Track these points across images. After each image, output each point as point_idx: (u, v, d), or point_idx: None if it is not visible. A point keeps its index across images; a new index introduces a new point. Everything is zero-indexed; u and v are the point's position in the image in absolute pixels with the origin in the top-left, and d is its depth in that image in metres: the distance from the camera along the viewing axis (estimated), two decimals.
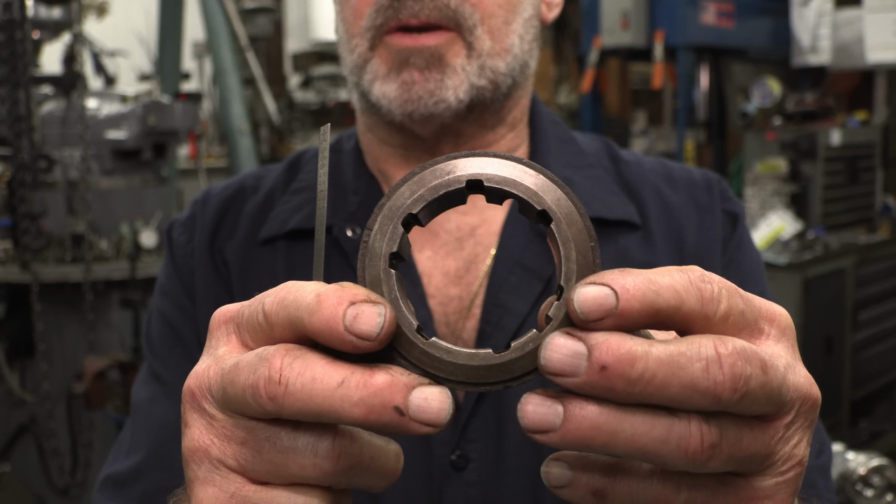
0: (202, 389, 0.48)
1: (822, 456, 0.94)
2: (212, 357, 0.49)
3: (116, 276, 3.53)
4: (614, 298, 0.42)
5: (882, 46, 4.74)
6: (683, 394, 0.42)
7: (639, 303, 0.42)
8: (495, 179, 0.47)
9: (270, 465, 0.46)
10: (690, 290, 0.43)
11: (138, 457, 0.94)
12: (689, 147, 4.83)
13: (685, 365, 0.41)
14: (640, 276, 0.42)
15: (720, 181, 1.06)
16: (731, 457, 0.44)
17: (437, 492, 0.88)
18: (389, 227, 0.48)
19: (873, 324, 4.55)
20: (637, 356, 0.41)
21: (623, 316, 0.42)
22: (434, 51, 0.89)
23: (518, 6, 0.93)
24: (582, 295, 0.42)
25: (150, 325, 1.03)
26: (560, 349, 0.42)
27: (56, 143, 3.67)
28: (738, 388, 0.42)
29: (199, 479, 0.47)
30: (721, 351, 0.42)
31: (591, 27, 4.97)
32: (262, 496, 0.46)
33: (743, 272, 1.00)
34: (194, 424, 0.48)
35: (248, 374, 0.45)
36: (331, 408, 0.43)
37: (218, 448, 0.47)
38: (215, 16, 4.31)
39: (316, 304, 0.44)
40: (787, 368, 0.45)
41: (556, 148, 1.03)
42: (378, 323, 0.43)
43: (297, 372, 0.44)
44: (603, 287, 0.42)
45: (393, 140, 0.99)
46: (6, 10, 3.40)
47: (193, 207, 1.07)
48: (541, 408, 0.43)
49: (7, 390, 3.60)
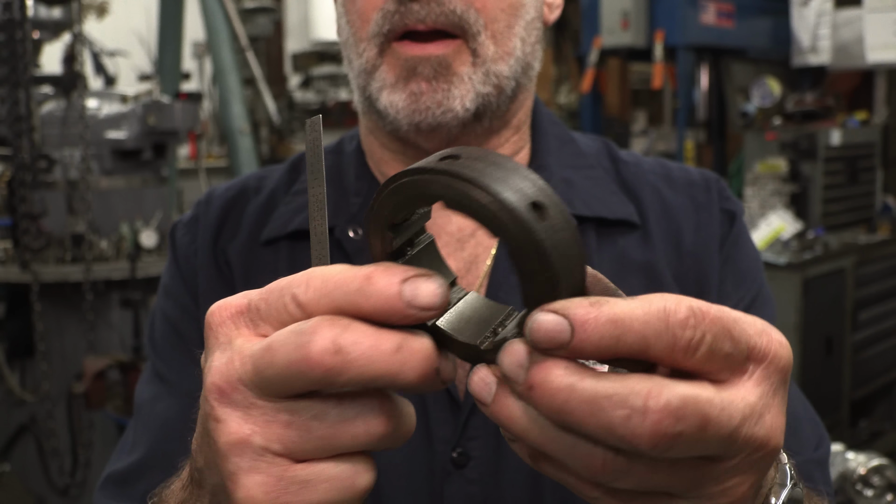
0: (231, 382, 0.47)
1: (819, 449, 0.94)
2: (228, 351, 0.48)
3: (116, 276, 3.53)
4: (569, 334, 0.41)
5: (882, 46, 4.74)
6: (599, 433, 0.42)
7: (593, 346, 0.41)
8: None
9: (320, 441, 0.47)
10: (663, 336, 0.42)
11: (139, 455, 0.94)
12: (689, 147, 4.83)
13: (606, 409, 0.41)
14: (606, 315, 0.41)
15: (718, 180, 1.06)
16: (642, 485, 0.44)
17: (437, 489, 0.88)
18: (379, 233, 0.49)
19: (873, 324, 4.55)
20: (561, 388, 0.42)
21: (574, 353, 0.42)
22: (441, 60, 0.89)
23: (520, 9, 0.93)
24: (537, 323, 0.42)
25: (153, 326, 1.03)
26: (511, 356, 0.44)
27: (56, 143, 3.67)
28: (657, 444, 0.41)
29: (244, 470, 0.47)
30: (650, 405, 0.41)
31: (591, 27, 4.97)
32: (310, 472, 0.47)
33: (739, 270, 1.00)
34: (228, 418, 0.47)
35: (291, 350, 0.45)
36: (388, 373, 0.44)
37: (261, 435, 0.47)
38: (215, 16, 4.31)
39: (368, 286, 0.45)
40: (746, 418, 0.44)
41: (556, 149, 1.04)
42: (439, 293, 0.45)
43: (352, 340, 0.44)
44: (561, 319, 0.42)
45: (393, 145, 0.99)
46: (6, 10, 3.40)
47: (197, 208, 1.07)
48: (482, 382, 0.46)
49: (7, 390, 3.60)
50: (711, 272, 0.97)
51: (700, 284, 0.97)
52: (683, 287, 0.96)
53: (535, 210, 0.43)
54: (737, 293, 0.98)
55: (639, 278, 0.96)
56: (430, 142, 0.94)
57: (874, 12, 4.74)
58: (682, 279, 0.97)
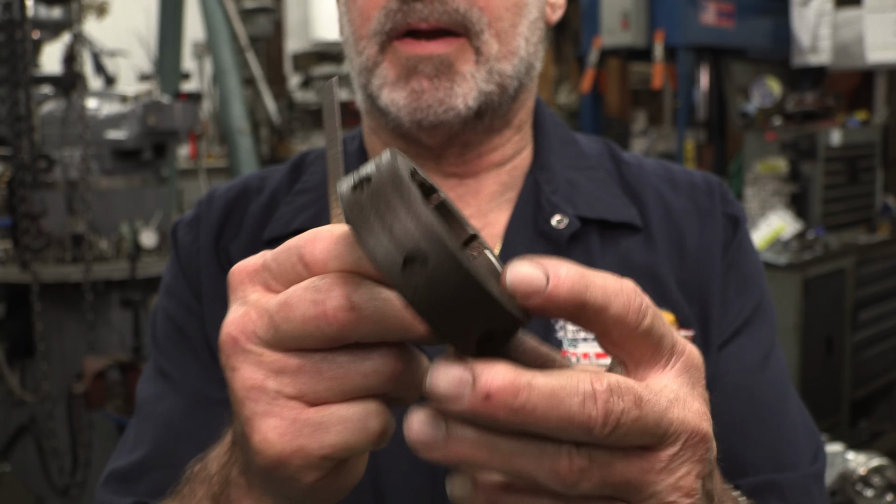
0: (246, 333, 0.49)
1: (816, 462, 0.94)
2: (244, 304, 0.50)
3: (116, 276, 3.53)
4: (545, 281, 0.43)
5: (882, 46, 4.74)
6: (560, 426, 0.43)
7: (567, 290, 0.44)
8: None
9: (332, 382, 0.48)
10: (620, 296, 0.45)
11: (142, 452, 0.94)
12: (689, 147, 4.83)
13: (564, 399, 0.43)
14: (573, 269, 0.44)
15: (721, 184, 1.06)
16: (604, 481, 0.45)
17: (439, 488, 0.88)
18: None
19: (873, 324, 4.55)
20: (521, 387, 0.42)
21: (550, 299, 0.43)
22: (444, 58, 0.88)
23: (524, 8, 0.93)
24: (515, 270, 0.43)
25: (155, 324, 1.03)
26: (446, 375, 0.43)
27: (56, 143, 3.67)
28: (608, 422, 0.43)
29: (259, 414, 0.48)
30: (596, 387, 0.43)
31: (591, 27, 4.97)
32: (323, 414, 0.48)
33: (743, 276, 1.00)
34: (242, 366, 0.49)
35: (307, 306, 0.46)
36: (401, 326, 0.46)
37: (274, 380, 0.48)
38: (215, 16, 4.31)
39: None
40: (673, 402, 0.47)
41: (558, 150, 1.03)
42: None
43: (366, 297, 0.46)
44: (538, 266, 0.44)
45: (397, 143, 0.99)
46: (6, 10, 3.39)
47: (198, 208, 1.07)
48: (426, 426, 0.45)
49: (7, 390, 3.60)
50: (714, 278, 0.97)
51: (703, 290, 0.96)
52: (686, 292, 0.96)
53: (407, 265, 0.41)
54: (739, 300, 0.98)
55: (642, 282, 0.95)
56: (433, 138, 0.94)
57: (874, 12, 4.75)
58: (685, 284, 0.96)
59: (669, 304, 0.94)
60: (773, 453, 0.91)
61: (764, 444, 0.92)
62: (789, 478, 0.89)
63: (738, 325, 0.97)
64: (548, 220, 0.95)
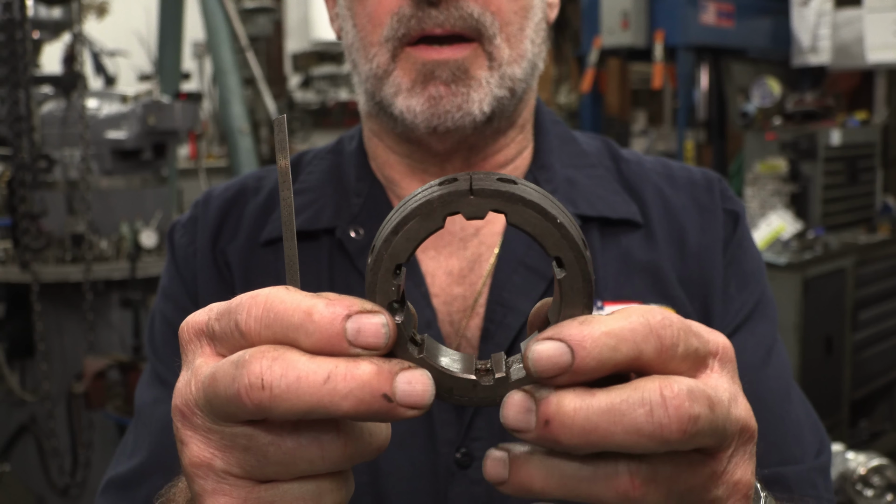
0: (189, 406, 0.48)
1: (821, 456, 0.94)
2: (190, 371, 0.49)
3: (116, 276, 3.53)
4: (569, 356, 0.42)
5: (882, 46, 4.73)
6: (629, 440, 0.43)
7: (595, 360, 0.43)
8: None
9: (278, 466, 0.46)
10: (650, 338, 0.44)
11: (141, 459, 0.93)
12: (689, 147, 4.83)
13: (627, 412, 0.42)
14: (598, 330, 0.43)
15: (720, 180, 1.06)
16: (670, 492, 0.45)
17: (442, 490, 0.88)
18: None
19: (873, 324, 4.55)
20: (577, 408, 0.42)
21: (578, 373, 0.43)
22: (460, 64, 0.88)
23: (530, 11, 0.93)
24: (536, 353, 0.43)
25: (152, 328, 1.03)
26: (513, 407, 0.44)
27: (56, 143, 3.67)
28: (686, 429, 0.43)
29: (209, 492, 0.48)
30: (666, 394, 0.43)
31: (591, 27, 4.97)
32: (274, 493, 0.47)
33: (744, 272, 1.00)
34: (191, 441, 0.48)
35: (228, 383, 0.44)
36: (320, 404, 0.43)
37: (221, 459, 0.47)
38: (215, 16, 4.31)
39: (309, 322, 0.44)
40: (731, 401, 0.46)
41: (558, 148, 1.04)
42: (384, 333, 0.44)
43: (279, 374, 0.43)
44: (559, 344, 0.42)
45: (400, 149, 0.99)
46: (6, 10, 3.39)
47: (195, 209, 1.07)
48: (495, 461, 0.46)
49: (7, 390, 3.59)
50: (715, 275, 0.97)
51: (704, 287, 0.97)
52: (687, 288, 0.96)
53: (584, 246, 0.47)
54: (741, 296, 0.98)
55: (644, 279, 0.96)
56: (443, 143, 0.94)
57: (874, 12, 4.74)
58: (686, 281, 0.97)
59: (670, 300, 0.95)
60: (777, 447, 0.91)
61: (768, 438, 0.92)
62: (795, 471, 0.90)
63: (739, 321, 0.97)
64: None
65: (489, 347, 0.90)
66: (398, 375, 0.44)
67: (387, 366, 0.44)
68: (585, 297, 0.45)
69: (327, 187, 1.02)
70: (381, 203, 0.99)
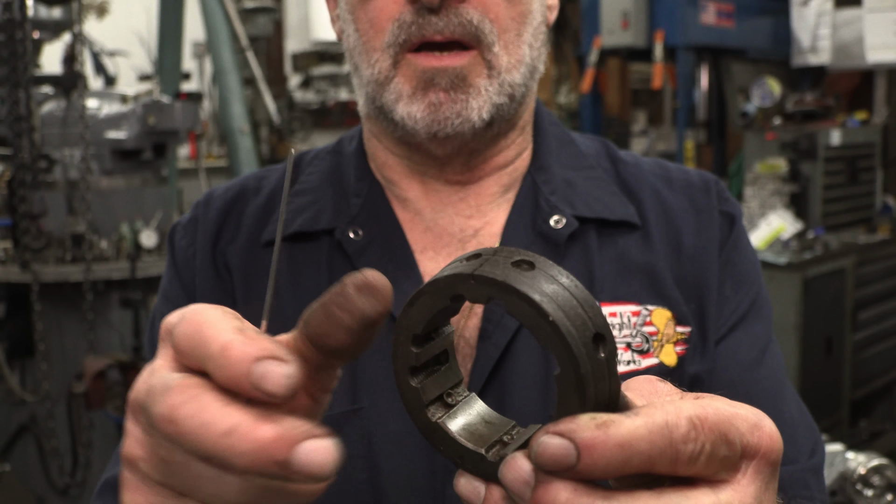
0: (136, 402, 0.48)
1: (814, 457, 0.94)
2: (148, 371, 0.48)
3: (116, 276, 3.53)
4: (574, 458, 0.41)
5: (882, 46, 4.74)
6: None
7: (600, 470, 0.41)
8: None
9: (186, 487, 0.46)
10: (667, 453, 0.42)
11: None
12: (689, 147, 4.83)
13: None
14: (613, 440, 0.41)
15: (717, 182, 1.06)
16: None
17: (439, 489, 0.88)
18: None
19: (873, 324, 4.55)
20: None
21: (581, 475, 0.42)
22: (458, 72, 0.89)
23: (528, 16, 0.93)
24: (542, 446, 0.42)
25: (153, 329, 1.03)
26: (513, 472, 0.43)
27: (56, 143, 3.67)
28: None
29: (130, 486, 0.48)
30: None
31: (591, 27, 4.97)
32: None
33: (739, 273, 1.00)
34: (129, 435, 0.48)
35: (154, 402, 0.45)
36: (218, 455, 0.42)
37: (145, 462, 0.47)
38: (215, 16, 4.31)
39: (222, 356, 0.43)
40: None
41: (556, 149, 1.04)
42: (285, 384, 0.42)
43: (189, 414, 0.43)
44: (567, 443, 0.41)
45: (399, 150, 0.99)
46: (6, 10, 3.40)
47: (195, 210, 1.07)
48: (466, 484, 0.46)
49: (7, 390, 3.60)
50: (711, 276, 0.97)
51: (700, 288, 0.97)
52: (683, 289, 0.96)
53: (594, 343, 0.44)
54: (735, 297, 0.98)
55: (640, 280, 0.96)
56: (443, 148, 0.95)
57: (874, 12, 4.75)
58: (682, 282, 0.97)
59: (667, 301, 0.95)
60: None
61: None
62: (788, 471, 0.90)
63: (734, 322, 0.97)
64: (546, 220, 0.96)
65: (487, 347, 0.90)
66: (301, 444, 0.41)
67: (292, 431, 0.42)
68: (578, 395, 0.43)
69: (327, 188, 1.02)
70: (380, 204, 1.00)
